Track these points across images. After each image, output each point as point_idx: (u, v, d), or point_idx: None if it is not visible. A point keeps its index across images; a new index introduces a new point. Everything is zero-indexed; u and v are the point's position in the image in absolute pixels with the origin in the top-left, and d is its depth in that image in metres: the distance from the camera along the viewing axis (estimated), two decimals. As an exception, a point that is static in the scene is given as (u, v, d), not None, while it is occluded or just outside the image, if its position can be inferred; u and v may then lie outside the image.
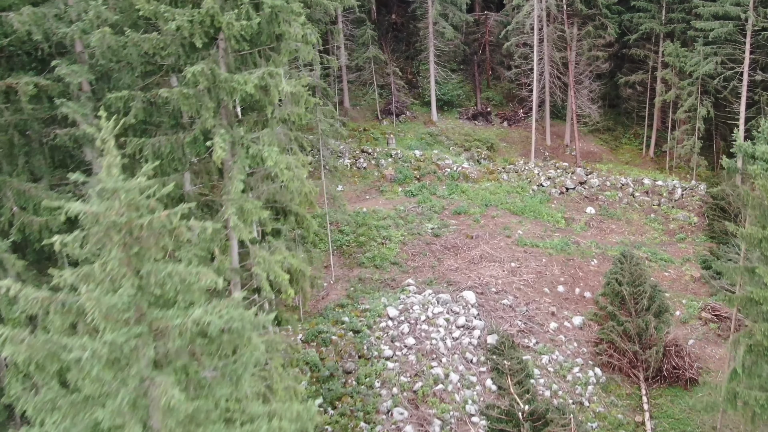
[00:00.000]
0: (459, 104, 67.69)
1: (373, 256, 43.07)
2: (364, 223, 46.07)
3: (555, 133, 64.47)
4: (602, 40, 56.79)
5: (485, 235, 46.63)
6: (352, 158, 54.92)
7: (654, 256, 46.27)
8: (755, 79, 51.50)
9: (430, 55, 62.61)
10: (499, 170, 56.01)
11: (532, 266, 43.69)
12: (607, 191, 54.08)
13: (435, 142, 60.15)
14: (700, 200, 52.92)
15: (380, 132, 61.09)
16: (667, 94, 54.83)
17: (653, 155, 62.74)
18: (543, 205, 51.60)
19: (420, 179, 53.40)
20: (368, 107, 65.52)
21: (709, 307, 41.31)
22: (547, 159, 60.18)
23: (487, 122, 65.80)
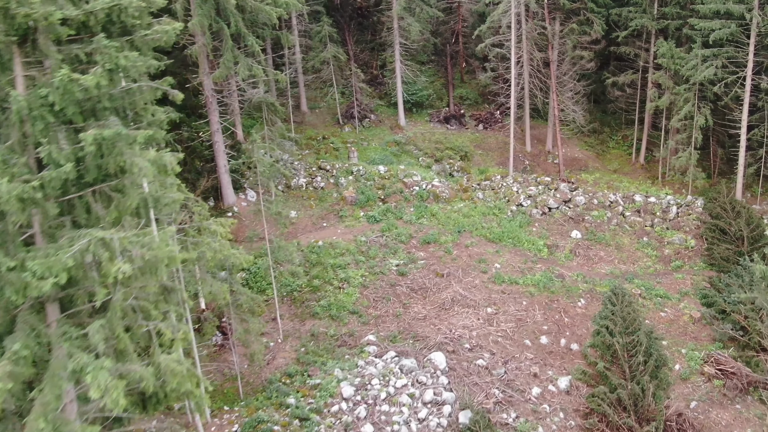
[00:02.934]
0: (430, 105, 62.64)
1: (328, 304, 38.21)
2: (319, 262, 41.12)
3: (536, 137, 59.70)
4: (587, 38, 51.94)
5: (457, 272, 41.95)
6: (308, 176, 49.73)
7: (648, 291, 41.94)
8: (758, 85, 47.01)
9: (395, 54, 57.17)
10: (473, 187, 51.19)
11: (511, 311, 39.14)
12: (594, 210, 49.53)
13: (402, 153, 55.11)
14: (697, 219, 48.65)
15: (341, 141, 55.89)
16: (661, 100, 50.20)
17: (644, 162, 58.33)
18: (523, 230, 47.00)
19: (385, 200, 48.43)
20: (328, 110, 60.21)
21: (712, 360, 37.11)
22: (527, 170, 55.46)
23: (460, 125, 60.79)
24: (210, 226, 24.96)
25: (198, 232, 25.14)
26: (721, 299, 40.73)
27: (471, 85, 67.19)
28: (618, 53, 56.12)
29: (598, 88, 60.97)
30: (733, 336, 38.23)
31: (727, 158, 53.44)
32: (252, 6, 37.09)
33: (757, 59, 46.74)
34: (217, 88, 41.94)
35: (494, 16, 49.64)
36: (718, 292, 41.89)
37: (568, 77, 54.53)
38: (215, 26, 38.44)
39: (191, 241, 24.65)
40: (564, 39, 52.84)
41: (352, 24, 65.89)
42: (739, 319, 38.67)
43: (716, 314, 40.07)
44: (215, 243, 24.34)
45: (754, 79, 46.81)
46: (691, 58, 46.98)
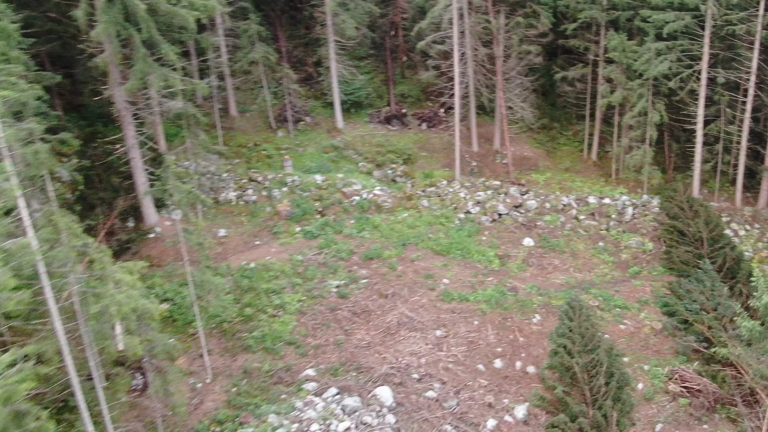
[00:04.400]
0: (369, 104, 60.31)
1: (262, 335, 35.72)
2: (252, 287, 38.55)
3: (483, 136, 57.94)
4: (534, 31, 50.33)
5: (403, 291, 39.88)
6: (238, 188, 46.91)
7: (606, 302, 40.59)
8: (714, 78, 46.04)
9: (330, 53, 54.57)
10: (418, 194, 49.13)
11: (462, 333, 37.28)
12: (546, 215, 48.02)
13: (341, 158, 52.67)
14: (654, 220, 47.59)
15: (274, 147, 53.17)
16: (613, 96, 48.87)
17: (596, 159, 57.14)
18: (472, 240, 45.19)
19: (323, 213, 46.00)
20: (260, 113, 57.41)
21: (677, 376, 35.94)
22: (475, 171, 53.64)
23: (402, 126, 58.64)
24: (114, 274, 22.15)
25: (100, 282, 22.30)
26: (682, 307, 39.64)
27: (413, 81, 65.05)
28: (567, 46, 54.65)
29: (547, 82, 59.51)
30: (697, 348, 37.18)
31: (683, 153, 52.59)
32: (165, 10, 34.11)
33: (713, 52, 45.74)
34: (131, 99, 38.80)
35: (434, 12, 47.47)
36: (679, 299, 40.84)
37: (515, 73, 52.85)
38: (124, 33, 35.30)
39: (91, 293, 21.85)
40: (510, 33, 51.11)
41: (284, 18, 63.03)
42: (702, 330, 37.63)
43: (678, 324, 38.98)
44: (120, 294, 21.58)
45: (710, 72, 45.81)
46: (644, 52, 45.71)
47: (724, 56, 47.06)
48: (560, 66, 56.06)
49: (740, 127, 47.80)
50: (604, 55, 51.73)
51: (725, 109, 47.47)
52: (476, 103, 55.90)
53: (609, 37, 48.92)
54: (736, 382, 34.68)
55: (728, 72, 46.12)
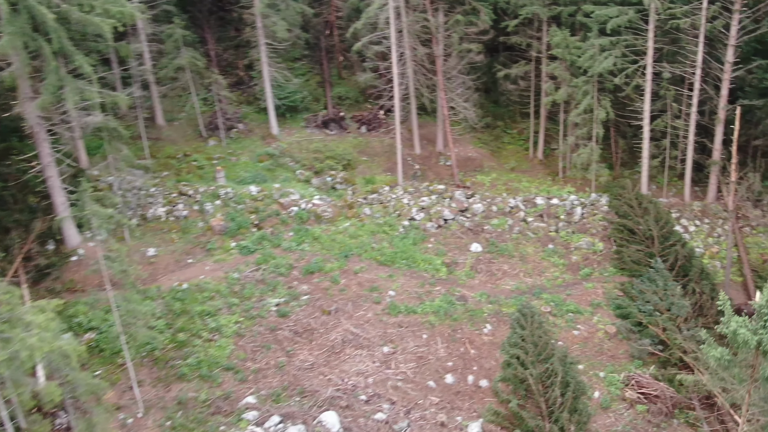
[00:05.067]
0: (305, 108, 59.15)
1: (197, 362, 34.27)
2: (184, 311, 37.04)
3: (425, 137, 57.34)
4: (475, 28, 49.91)
5: (347, 306, 38.88)
6: (167, 203, 45.18)
7: (558, 307, 40.31)
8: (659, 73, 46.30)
9: (262, 56, 53.17)
10: (359, 202, 48.15)
11: (410, 348, 36.46)
12: (494, 219, 47.58)
13: (277, 167, 51.35)
14: (603, 219, 47.59)
15: (206, 157, 51.56)
16: (558, 94, 48.78)
17: (542, 157, 57.10)
18: (417, 248, 44.43)
19: (259, 226, 44.64)
20: (189, 122, 55.69)
21: (633, 382, 35.73)
22: (418, 175, 52.98)
23: (341, 129, 57.61)
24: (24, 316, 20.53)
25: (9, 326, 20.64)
26: (635, 309, 39.61)
27: (351, 83, 64.06)
28: (509, 44, 54.43)
29: (489, 80, 59.24)
30: (653, 351, 37.12)
31: (630, 149, 52.87)
32: (78, 18, 32.32)
33: (657, 46, 45.99)
34: (45, 115, 36.81)
35: (370, 12, 46.50)
36: (632, 300, 40.84)
37: (456, 72, 52.36)
38: (33, 44, 33.35)
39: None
40: (449, 31, 50.56)
41: (212, 19, 61.34)
42: (657, 332, 37.60)
43: (632, 327, 38.92)
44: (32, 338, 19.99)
45: (655, 67, 46.04)
46: (587, 48, 45.70)
47: (668, 50, 47.42)
48: (502, 63, 55.83)
49: (687, 122, 48.23)
50: (547, 51, 51.64)
51: (671, 104, 47.82)
52: (417, 104, 55.30)
53: (551, 34, 48.81)
54: (694, 385, 34.65)
55: (673, 66, 46.44)
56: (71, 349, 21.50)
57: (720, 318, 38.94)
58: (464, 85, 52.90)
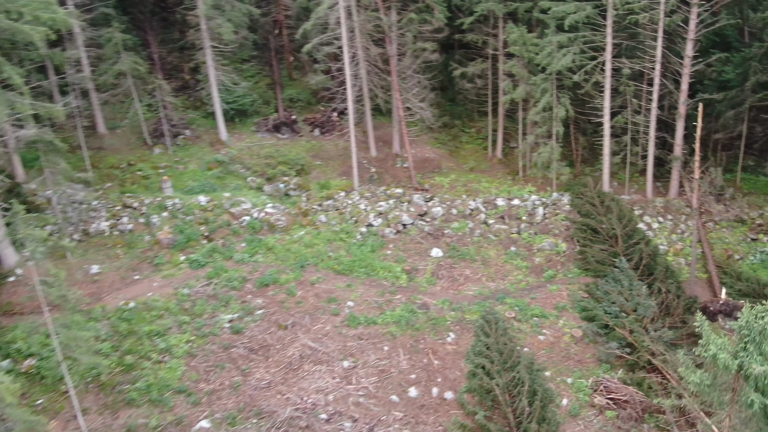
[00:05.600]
0: (255, 111, 58.12)
1: (147, 386, 33.11)
2: (132, 331, 35.85)
3: (381, 139, 56.74)
4: (429, 26, 49.53)
5: (304, 319, 38.08)
6: (111, 217, 43.80)
7: (523, 312, 40.02)
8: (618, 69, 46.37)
9: (208, 59, 51.97)
10: (314, 209, 47.35)
11: (371, 361, 35.81)
12: (454, 222, 47.17)
13: (227, 174, 50.28)
14: (566, 219, 47.50)
15: (151, 166, 50.27)
16: (516, 92, 48.57)
17: (501, 156, 56.91)
18: (376, 255, 43.81)
19: (209, 238, 43.55)
20: (133, 129, 54.20)
21: (602, 387, 35.54)
22: (375, 178, 52.34)
23: (293, 133, 56.69)
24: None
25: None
26: (601, 311, 39.53)
27: (302, 84, 63.09)
28: (464, 41, 54.07)
29: (445, 78, 58.84)
30: (620, 354, 36.99)
31: (590, 146, 52.93)
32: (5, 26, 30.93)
33: (616, 42, 46.08)
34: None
35: (319, 12, 45.65)
36: (597, 301, 40.78)
37: (411, 72, 51.87)
38: (-44, 54, 31.98)
39: None
40: (403, 30, 50.10)
41: (155, 21, 59.94)
42: (624, 335, 37.51)
43: (599, 330, 38.80)
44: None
45: (614, 62, 46.11)
46: (545, 45, 45.55)
47: (627, 46, 47.57)
48: (458, 62, 55.49)
49: (647, 117, 48.41)
50: (504, 49, 51.44)
51: (631, 100, 47.99)
52: (372, 105, 54.69)
53: (508, 31, 48.58)
54: (663, 388, 34.61)
55: (633, 62, 46.57)
56: (4, 388, 20.34)
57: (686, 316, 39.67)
58: (420, 85, 52.43)
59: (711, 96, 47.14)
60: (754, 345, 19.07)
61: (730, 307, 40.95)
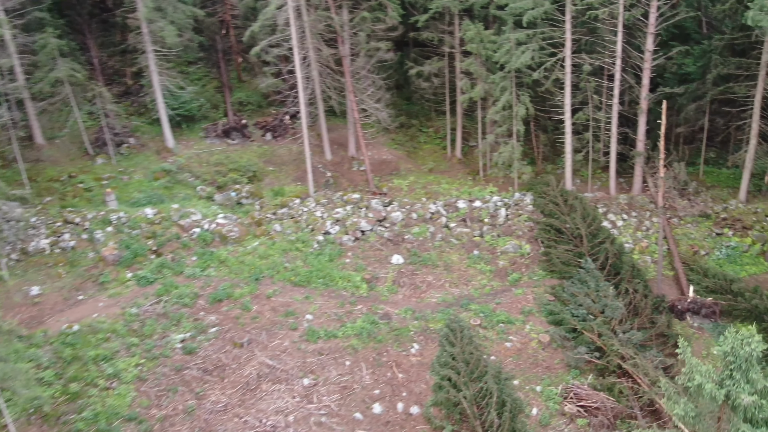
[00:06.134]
0: (203, 116, 56.78)
1: (94, 415, 31.88)
2: (76, 357, 34.51)
3: (336, 141, 55.88)
4: (383, 25, 48.92)
5: (261, 335, 37.11)
6: (51, 234, 42.24)
7: (488, 318, 39.55)
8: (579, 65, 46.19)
9: (150, 64, 50.50)
10: (268, 218, 46.33)
11: (333, 378, 34.98)
12: (414, 227, 46.53)
13: (175, 184, 48.97)
14: (529, 219, 47.15)
15: (94, 178, 48.72)
16: (474, 91, 48.12)
17: (461, 155, 56.45)
18: (334, 264, 43.01)
19: (158, 253, 42.27)
20: (73, 138, 52.45)
21: (572, 394, 35.21)
22: (330, 183, 51.47)
23: (244, 138, 55.51)
24: None
25: None
26: (568, 314, 39.28)
27: (252, 86, 61.88)
28: (420, 39, 53.44)
29: (401, 77, 58.17)
30: (589, 359, 36.70)
31: (551, 143, 52.77)
32: None
33: (575, 38, 45.93)
34: None
35: (267, 13, 44.54)
36: (564, 304, 40.54)
37: (365, 72, 51.11)
38: None
39: None
40: (355, 29, 49.36)
41: (94, 24, 58.15)
42: (592, 339, 37.25)
43: (566, 335, 38.51)
44: None
45: (574, 59, 45.91)
46: (503, 42, 45.12)
47: (587, 41, 47.48)
48: (414, 60, 54.94)
49: (608, 113, 48.35)
50: (461, 47, 50.98)
51: (592, 96, 47.91)
52: (325, 107, 53.79)
53: (464, 28, 48.13)
54: (634, 393, 34.39)
55: (593, 57, 46.45)
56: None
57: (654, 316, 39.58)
58: (375, 85, 51.71)
59: (672, 90, 47.26)
60: (741, 372, 18.39)
61: (698, 305, 41.04)
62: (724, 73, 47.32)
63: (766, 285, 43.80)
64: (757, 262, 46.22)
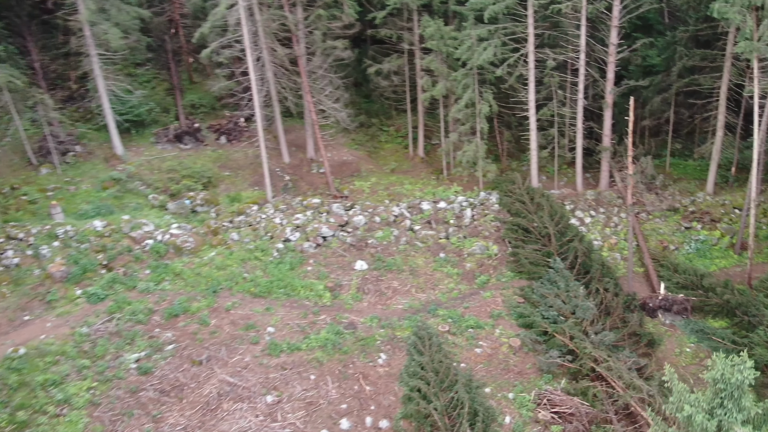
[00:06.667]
0: (154, 121, 55.37)
1: (44, 444, 30.54)
2: (23, 383, 33.16)
3: (294, 143, 54.94)
4: (339, 23, 48.01)
5: (220, 351, 36.11)
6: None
7: (457, 324, 39.03)
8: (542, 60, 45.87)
9: (95, 68, 49.01)
10: (225, 227, 45.24)
11: (297, 393, 34.15)
12: (377, 230, 45.85)
13: (125, 193, 47.64)
14: (495, 219, 46.74)
15: (38, 189, 47.25)
16: (435, 89, 47.58)
17: (423, 155, 55.88)
18: (296, 273, 42.18)
19: (109, 267, 40.98)
20: (15, 147, 50.74)
21: (545, 401, 34.81)
22: (289, 187, 50.57)
23: (197, 142, 54.29)
24: None
25: None
26: (539, 316, 38.95)
27: (205, 87, 60.53)
28: (378, 36, 52.77)
29: (359, 75, 57.39)
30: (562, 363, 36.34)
31: (516, 139, 52.49)
32: None
33: (538, 32, 45.62)
34: None
35: (217, 14, 43.30)
36: (534, 306, 40.20)
37: (322, 71, 50.21)
38: None
39: None
40: (311, 28, 48.45)
41: (34, 25, 56.29)
42: (564, 341, 36.92)
43: (538, 338, 38.13)
44: None
45: (537, 54, 45.56)
46: (464, 38, 44.61)
47: (550, 36, 47.18)
48: (372, 58, 54.22)
49: (573, 108, 48.15)
50: (421, 44, 50.40)
51: (556, 91, 47.68)
52: (282, 109, 52.82)
53: (423, 24, 47.57)
54: (609, 397, 34.11)
55: (556, 52, 46.20)
56: None
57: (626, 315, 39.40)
58: (332, 85, 50.87)
59: (637, 82, 47.21)
60: (732, 401, 17.78)
61: (670, 301, 41.02)
62: (689, 65, 47.40)
63: (737, 278, 44.04)
64: (727, 255, 46.43)
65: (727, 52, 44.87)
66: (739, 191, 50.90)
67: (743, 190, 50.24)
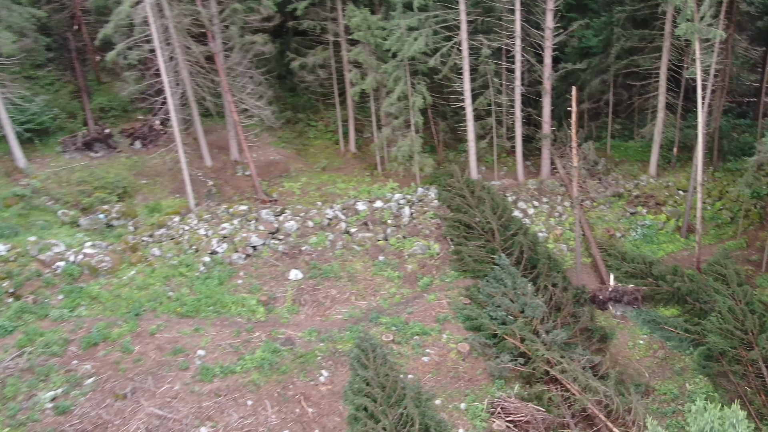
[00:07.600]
0: (60, 128, 52.57)
1: (-49, 502, 28.30)
2: None
3: (216, 145, 52.98)
4: (257, 16, 46.23)
5: (147, 381, 34.17)
6: None
7: (401, 332, 37.96)
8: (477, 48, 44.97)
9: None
10: (144, 242, 43.13)
11: (234, 422, 32.52)
12: (311, 236, 44.37)
13: (31, 210, 45.00)
14: (435, 216, 45.77)
15: (-68, 211, 44.16)
16: (365, 82, 46.37)
17: (355, 150, 54.53)
18: (225, 288, 40.47)
19: (16, 295, 38.52)
20: None
21: (499, 409, 34.00)
22: (214, 193, 48.69)
23: (109, 149, 51.81)
24: None
25: None
26: (486, 317, 38.16)
27: (115, 88, 57.83)
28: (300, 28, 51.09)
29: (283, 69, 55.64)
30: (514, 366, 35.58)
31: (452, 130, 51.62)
32: None
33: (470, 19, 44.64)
34: None
35: (121, 13, 40.89)
36: (481, 306, 39.45)
37: (242, 68, 48.32)
38: None
39: None
40: (227, 23, 46.48)
41: None
42: (515, 344, 36.17)
43: (487, 341, 37.31)
44: None
45: (471, 41, 44.65)
46: (393, 28, 43.39)
47: (484, 22, 46.39)
48: (295, 51, 52.58)
49: (511, 96, 47.49)
50: (347, 35, 48.92)
51: (492, 79, 46.91)
52: (200, 110, 50.77)
53: (348, 14, 46.19)
54: (565, 400, 33.50)
55: (491, 38, 45.48)
56: None
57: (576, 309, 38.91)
58: (254, 81, 49.01)
59: (575, 65, 46.73)
60: None
61: (620, 293, 40.84)
62: (627, 46, 47.13)
63: (685, 263, 44.11)
64: (674, 239, 46.52)
65: (666, 31, 44.72)
66: (682, 171, 51.09)
67: (686, 170, 50.46)
